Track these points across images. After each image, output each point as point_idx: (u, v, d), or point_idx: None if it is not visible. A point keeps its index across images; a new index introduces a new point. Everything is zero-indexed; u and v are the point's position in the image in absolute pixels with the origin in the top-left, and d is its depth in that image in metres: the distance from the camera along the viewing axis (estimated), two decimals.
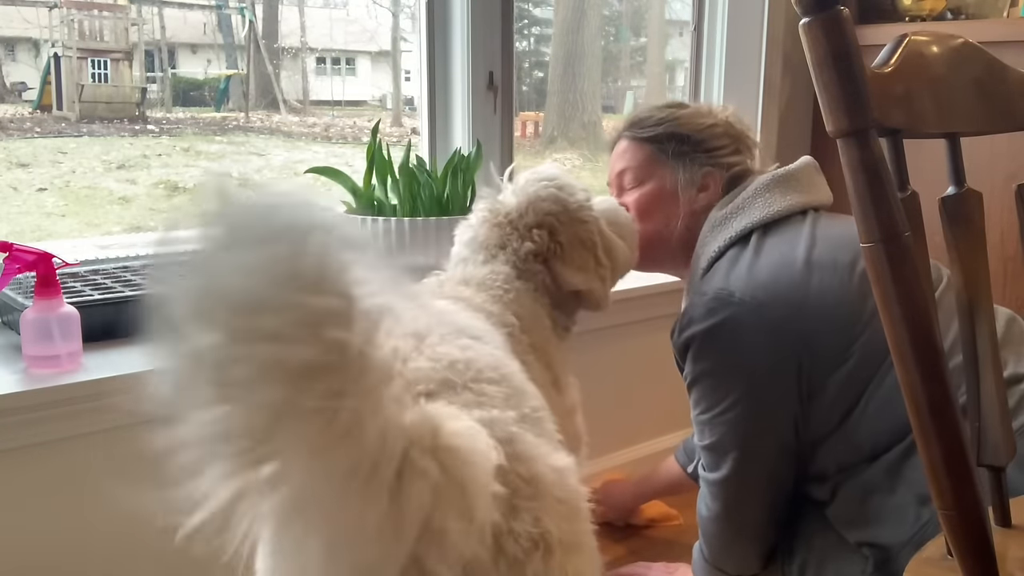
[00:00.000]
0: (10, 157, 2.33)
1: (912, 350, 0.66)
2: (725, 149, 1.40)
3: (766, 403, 1.19)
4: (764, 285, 1.20)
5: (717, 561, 1.32)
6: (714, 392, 1.22)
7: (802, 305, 1.18)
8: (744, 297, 1.19)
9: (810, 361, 1.16)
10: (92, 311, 1.31)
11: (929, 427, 0.67)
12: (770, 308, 1.18)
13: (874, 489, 1.15)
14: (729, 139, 1.41)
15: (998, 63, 0.85)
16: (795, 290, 1.19)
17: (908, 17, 2.30)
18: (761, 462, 1.23)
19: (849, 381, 1.16)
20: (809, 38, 0.65)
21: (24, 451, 1.19)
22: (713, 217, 1.35)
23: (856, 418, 1.17)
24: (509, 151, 2.14)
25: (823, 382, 1.17)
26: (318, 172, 1.86)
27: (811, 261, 1.21)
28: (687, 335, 1.23)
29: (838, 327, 1.16)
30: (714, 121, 1.42)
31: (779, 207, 1.31)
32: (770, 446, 1.22)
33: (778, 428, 1.20)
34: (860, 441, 1.17)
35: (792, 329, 1.17)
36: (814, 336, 1.17)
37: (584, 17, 3.61)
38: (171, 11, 2.80)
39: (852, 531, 1.18)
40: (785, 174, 1.36)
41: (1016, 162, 2.01)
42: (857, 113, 0.65)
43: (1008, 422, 0.83)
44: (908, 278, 0.65)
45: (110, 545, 1.27)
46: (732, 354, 1.20)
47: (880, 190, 0.65)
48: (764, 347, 1.17)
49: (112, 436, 1.24)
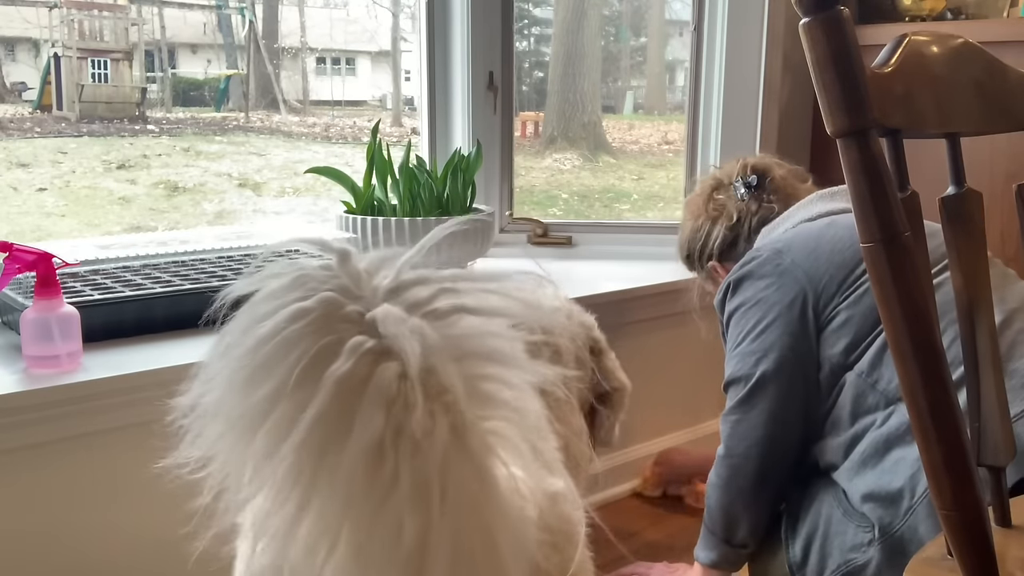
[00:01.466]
0: (10, 157, 2.33)
1: (912, 350, 0.66)
2: (710, 238, 1.59)
3: (777, 334, 1.30)
4: (785, 240, 1.38)
5: (710, 518, 1.37)
6: (736, 326, 1.36)
7: (814, 250, 1.32)
8: (766, 250, 1.37)
9: (815, 294, 1.29)
10: (92, 311, 1.31)
11: (929, 427, 0.67)
12: (785, 254, 1.34)
13: (895, 440, 1.18)
14: (708, 226, 1.59)
15: (998, 63, 0.85)
16: (810, 239, 1.35)
17: (908, 17, 2.30)
18: (768, 395, 1.30)
19: (855, 311, 1.26)
20: (809, 38, 0.65)
21: (24, 451, 1.19)
22: (762, 233, 1.51)
23: (872, 360, 1.23)
24: (509, 151, 2.14)
25: (830, 313, 1.28)
26: (318, 172, 1.86)
27: (833, 221, 1.37)
28: (723, 287, 1.42)
29: (842, 266, 1.29)
30: (687, 226, 1.64)
31: (822, 209, 1.44)
32: (780, 378, 1.29)
33: (788, 360, 1.29)
34: (880, 387, 1.22)
35: (801, 267, 1.32)
36: (819, 271, 1.30)
37: (584, 17, 3.61)
38: (171, 11, 2.80)
39: (863, 482, 1.20)
40: (829, 192, 1.48)
41: (1016, 162, 2.01)
42: (857, 113, 0.65)
43: (1008, 422, 0.83)
44: (908, 278, 0.65)
45: (110, 545, 1.27)
46: (750, 292, 1.35)
47: (880, 190, 0.65)
48: (775, 284, 1.33)
49: (112, 436, 1.24)
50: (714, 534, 1.37)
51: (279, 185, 2.85)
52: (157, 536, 1.25)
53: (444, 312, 0.63)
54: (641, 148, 3.89)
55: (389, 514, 0.58)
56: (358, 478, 0.58)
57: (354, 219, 1.74)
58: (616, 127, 3.93)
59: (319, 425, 0.58)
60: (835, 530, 1.23)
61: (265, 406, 0.59)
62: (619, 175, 3.76)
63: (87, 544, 1.26)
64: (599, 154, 3.82)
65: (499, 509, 0.62)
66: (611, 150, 3.92)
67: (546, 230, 2.20)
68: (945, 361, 0.67)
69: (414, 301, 0.63)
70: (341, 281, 0.63)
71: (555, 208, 3.47)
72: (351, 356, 0.59)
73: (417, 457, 0.58)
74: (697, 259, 1.63)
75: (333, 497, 0.58)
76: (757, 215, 1.54)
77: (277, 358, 0.59)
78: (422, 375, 0.59)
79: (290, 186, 2.85)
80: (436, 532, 0.58)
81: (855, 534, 1.20)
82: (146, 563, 1.28)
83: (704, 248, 1.60)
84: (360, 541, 0.58)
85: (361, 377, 0.58)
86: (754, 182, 1.56)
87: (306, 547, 0.59)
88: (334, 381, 0.58)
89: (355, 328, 0.61)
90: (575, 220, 2.26)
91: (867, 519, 1.18)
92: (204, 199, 2.60)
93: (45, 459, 1.21)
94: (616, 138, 3.94)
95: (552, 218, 2.25)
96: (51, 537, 1.23)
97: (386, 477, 0.58)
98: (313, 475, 0.58)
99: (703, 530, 1.40)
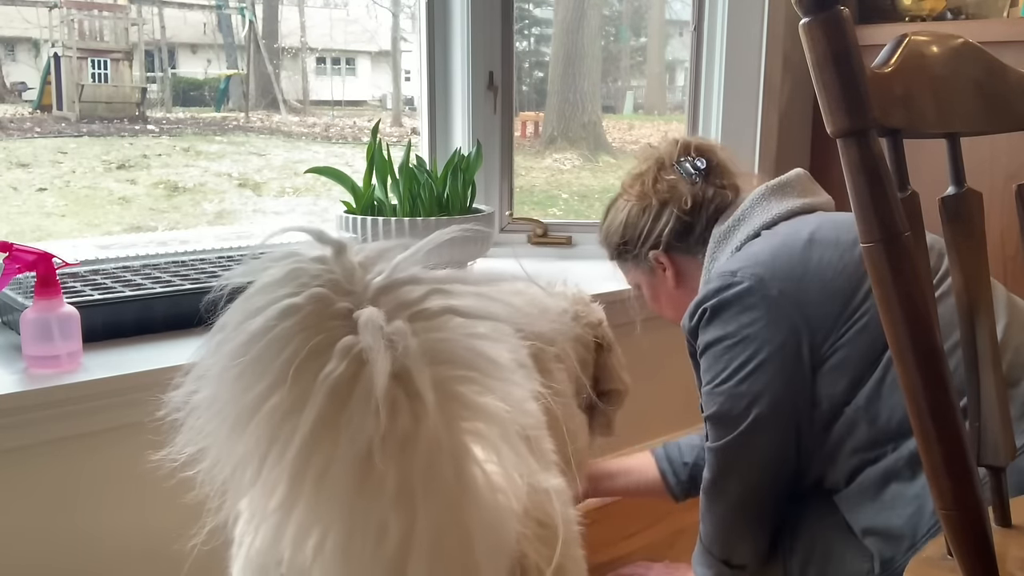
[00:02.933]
0: (10, 157, 2.33)
1: (912, 351, 0.66)
2: (658, 223, 1.43)
3: (769, 375, 1.21)
4: (764, 263, 1.24)
5: (707, 539, 1.33)
6: (717, 362, 1.25)
7: (801, 278, 1.21)
8: (745, 275, 1.23)
9: (809, 331, 1.19)
10: (92, 311, 1.31)
11: (930, 428, 0.67)
12: (769, 282, 1.22)
13: (893, 476, 1.14)
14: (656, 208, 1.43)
15: (998, 63, 0.85)
16: (795, 265, 1.23)
17: (908, 17, 2.30)
18: (763, 438, 1.23)
19: (853, 349, 1.18)
20: (809, 38, 0.65)
21: (24, 451, 1.19)
22: (716, 233, 1.37)
23: (870, 395, 1.17)
24: (509, 151, 2.14)
25: (826, 351, 1.19)
26: (318, 172, 1.86)
27: (813, 239, 1.25)
28: (694, 310, 1.28)
29: (837, 297, 1.20)
30: (628, 207, 1.47)
31: (779, 210, 1.33)
32: (775, 421, 1.21)
33: (783, 402, 1.20)
34: (880, 424, 1.16)
35: (790, 300, 1.21)
36: (812, 306, 1.20)
37: (584, 17, 3.61)
38: (171, 11, 2.80)
39: (863, 516, 1.17)
40: (777, 184, 1.38)
41: (1016, 162, 2.01)
42: (857, 113, 0.65)
43: (1008, 422, 0.83)
44: (908, 279, 0.65)
45: (110, 545, 1.27)
46: (734, 326, 1.23)
47: (880, 190, 0.65)
48: (764, 319, 1.21)
49: (112, 436, 1.24)
50: (711, 554, 1.33)
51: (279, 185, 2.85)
52: (157, 536, 1.25)
53: (433, 313, 0.64)
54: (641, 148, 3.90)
55: (375, 514, 0.59)
56: (346, 478, 0.59)
57: (354, 219, 1.74)
58: (616, 127, 3.94)
59: (313, 427, 0.58)
60: (835, 554, 1.20)
61: (257, 404, 0.59)
62: (619, 175, 3.76)
63: (86, 544, 1.26)
64: (599, 154, 3.82)
65: (475, 506, 0.63)
66: (611, 150, 3.93)
67: (546, 230, 2.20)
68: (945, 362, 0.67)
69: (404, 300, 0.64)
70: (334, 276, 0.63)
71: (555, 208, 3.48)
72: (343, 359, 0.59)
73: (402, 458, 0.59)
74: (637, 247, 1.45)
75: (320, 495, 0.59)
76: (714, 203, 1.40)
77: (269, 356, 0.60)
78: (400, 378, 0.59)
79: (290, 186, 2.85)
80: (418, 531, 0.59)
81: (854, 561, 1.17)
82: (146, 562, 1.28)
83: (649, 235, 1.43)
84: (345, 539, 0.59)
85: (349, 378, 0.59)
86: (703, 165, 1.43)
87: (294, 543, 0.60)
88: (328, 385, 0.58)
89: (345, 326, 0.61)
90: (575, 220, 2.26)
91: (867, 550, 1.16)
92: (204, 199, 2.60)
93: (45, 459, 1.21)
94: (616, 138, 3.95)
95: (552, 218, 2.25)
96: (50, 536, 1.23)
97: (374, 478, 0.59)
98: (302, 474, 0.59)
99: (700, 546, 1.35)
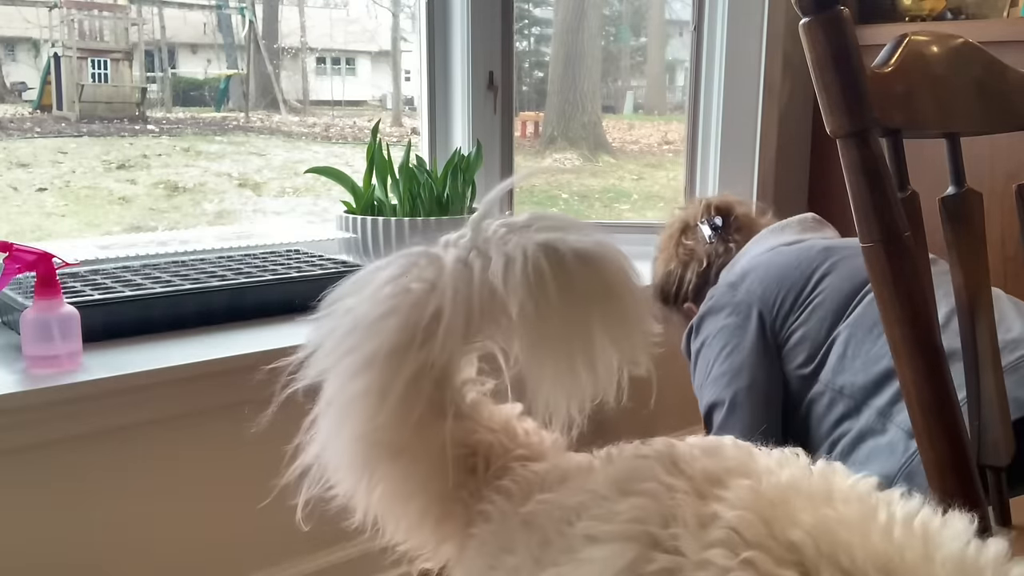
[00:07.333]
0: (10, 157, 2.33)
1: (912, 350, 0.66)
2: (683, 282, 1.63)
3: (744, 354, 1.36)
4: (738, 273, 1.44)
5: None
6: (704, 360, 1.41)
7: (764, 276, 1.39)
8: (721, 287, 1.45)
9: (770, 316, 1.36)
10: (92, 311, 1.31)
11: (930, 427, 0.67)
12: (738, 285, 1.41)
13: (867, 433, 1.22)
14: (680, 271, 1.64)
15: (998, 63, 0.85)
16: (760, 267, 1.42)
17: (908, 17, 2.30)
18: (747, 409, 1.34)
19: (809, 328, 1.32)
20: (809, 38, 0.65)
21: (24, 451, 1.19)
22: (722, 277, 1.54)
23: (835, 369, 1.28)
24: (509, 151, 2.14)
25: (786, 333, 1.35)
26: (318, 172, 1.86)
27: (780, 251, 1.43)
28: (687, 332, 1.47)
29: (793, 285, 1.36)
30: (660, 269, 1.68)
31: (773, 243, 1.49)
32: (755, 393, 1.34)
33: (759, 375, 1.34)
34: (847, 392, 1.25)
35: (755, 293, 1.39)
36: (770, 294, 1.37)
37: (584, 17, 3.61)
38: (171, 11, 2.79)
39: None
40: (778, 225, 1.55)
41: (1016, 162, 2.01)
42: (857, 113, 0.65)
43: (1008, 422, 0.83)
44: (908, 278, 0.65)
45: (110, 545, 1.27)
46: (713, 326, 1.41)
47: (880, 190, 0.65)
48: (734, 312, 1.39)
49: (112, 436, 1.24)
50: None
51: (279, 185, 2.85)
52: (158, 535, 1.25)
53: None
54: (641, 148, 3.90)
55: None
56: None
57: (354, 219, 1.74)
58: (616, 127, 3.93)
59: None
60: None
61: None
62: (619, 175, 3.76)
63: (88, 543, 1.26)
64: (599, 154, 3.82)
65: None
66: (611, 150, 3.93)
67: None
68: (945, 360, 0.67)
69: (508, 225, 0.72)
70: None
71: (555, 208, 3.47)
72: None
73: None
74: (673, 301, 1.67)
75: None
76: (722, 257, 1.59)
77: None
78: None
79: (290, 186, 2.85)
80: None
81: None
82: (147, 562, 1.28)
83: (679, 291, 1.65)
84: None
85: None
86: (719, 223, 1.61)
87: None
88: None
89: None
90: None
91: None
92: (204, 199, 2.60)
93: (45, 459, 1.21)
94: (616, 138, 3.94)
95: None
96: (52, 536, 1.23)
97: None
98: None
99: None
